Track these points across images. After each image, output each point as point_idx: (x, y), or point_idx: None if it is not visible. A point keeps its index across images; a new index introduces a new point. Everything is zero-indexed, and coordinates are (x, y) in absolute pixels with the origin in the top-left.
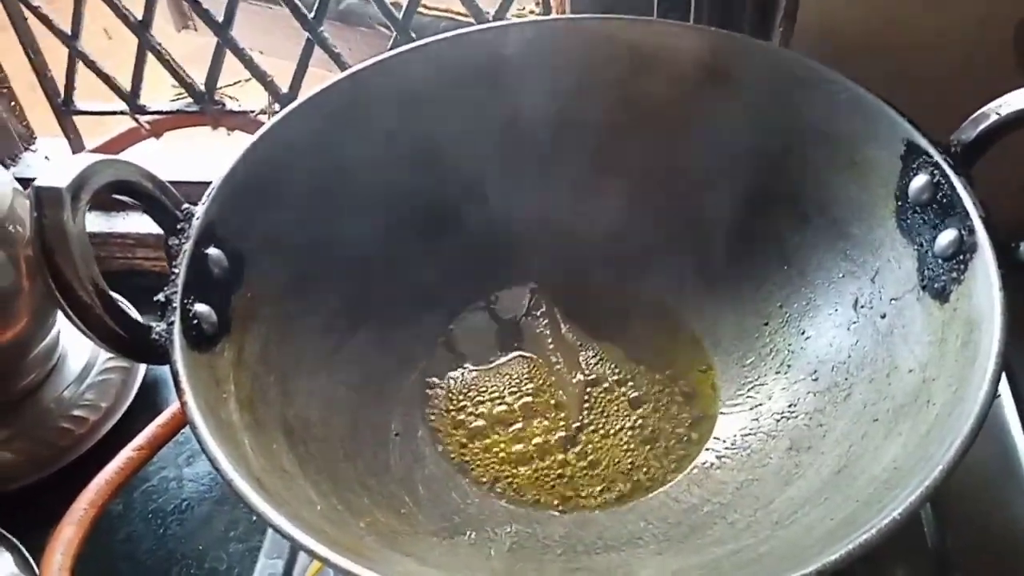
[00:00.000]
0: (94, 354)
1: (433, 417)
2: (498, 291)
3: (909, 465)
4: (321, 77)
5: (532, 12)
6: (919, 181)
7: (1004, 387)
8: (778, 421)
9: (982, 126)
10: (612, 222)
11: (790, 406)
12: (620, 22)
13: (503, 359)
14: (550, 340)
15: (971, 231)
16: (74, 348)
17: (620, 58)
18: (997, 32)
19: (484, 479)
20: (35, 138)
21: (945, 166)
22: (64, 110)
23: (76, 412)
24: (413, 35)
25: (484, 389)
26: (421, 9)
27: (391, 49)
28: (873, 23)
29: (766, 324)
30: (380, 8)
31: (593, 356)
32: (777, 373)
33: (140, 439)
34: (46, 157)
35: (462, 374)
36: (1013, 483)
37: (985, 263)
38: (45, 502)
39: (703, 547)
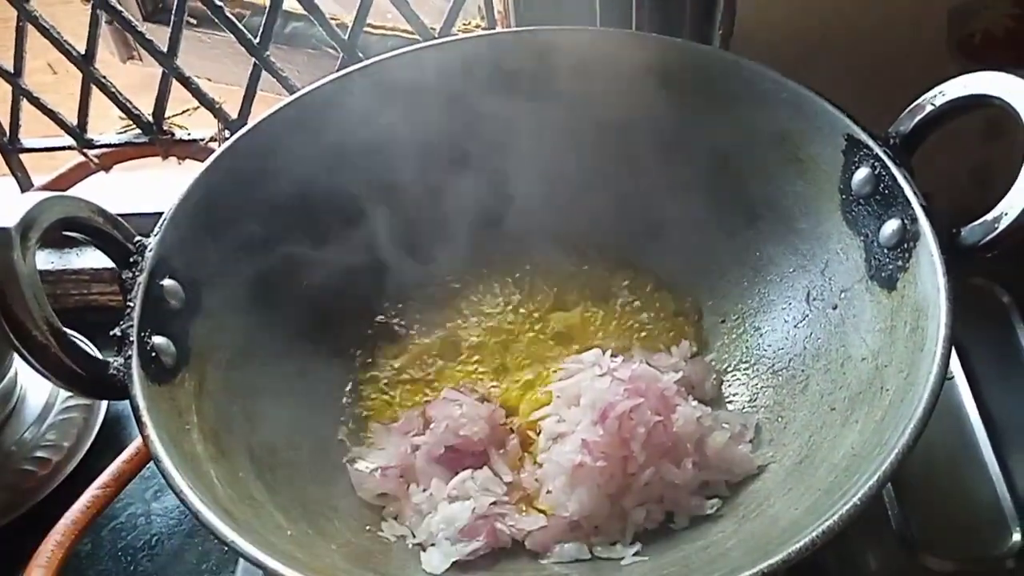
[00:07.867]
0: (53, 393)
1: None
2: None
3: (866, 451)
4: (270, 101)
5: (478, 26)
6: (861, 174)
7: (958, 368)
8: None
9: (919, 117)
10: (568, 225)
11: (751, 401)
12: (565, 32)
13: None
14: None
15: (913, 220)
16: (32, 389)
17: (566, 67)
18: (932, 23)
19: None
20: None
21: (885, 158)
22: (10, 148)
23: (38, 453)
24: (360, 55)
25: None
26: (367, 28)
27: (339, 69)
28: (810, 22)
29: (723, 321)
30: (325, 30)
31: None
32: (736, 369)
33: (105, 476)
34: None
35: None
36: (971, 460)
37: (929, 250)
38: (11, 546)
39: (673, 545)
